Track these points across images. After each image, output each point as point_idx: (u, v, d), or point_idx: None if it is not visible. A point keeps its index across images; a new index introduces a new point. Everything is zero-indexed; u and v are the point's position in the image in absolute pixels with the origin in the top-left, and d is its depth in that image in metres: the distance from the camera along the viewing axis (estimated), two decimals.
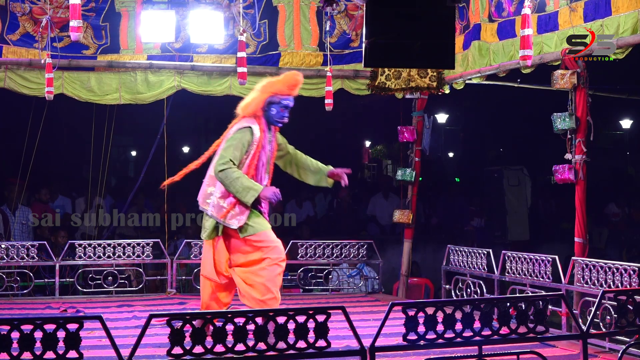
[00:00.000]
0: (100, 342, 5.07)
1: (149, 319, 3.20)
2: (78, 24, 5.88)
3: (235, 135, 5.42)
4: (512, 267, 6.58)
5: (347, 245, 8.47)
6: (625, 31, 5.70)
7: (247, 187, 5.25)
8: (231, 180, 5.26)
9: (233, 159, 5.30)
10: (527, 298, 3.79)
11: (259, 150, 5.42)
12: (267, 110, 5.48)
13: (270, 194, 5.32)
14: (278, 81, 5.53)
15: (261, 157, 5.45)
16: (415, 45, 4.94)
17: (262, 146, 5.43)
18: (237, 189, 5.25)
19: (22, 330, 3.05)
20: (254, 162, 5.41)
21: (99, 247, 7.99)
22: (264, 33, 8.16)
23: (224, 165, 5.29)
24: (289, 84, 5.50)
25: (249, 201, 5.24)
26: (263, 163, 5.48)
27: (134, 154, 20.10)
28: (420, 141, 8.67)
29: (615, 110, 16.61)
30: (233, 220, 5.34)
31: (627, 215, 13.63)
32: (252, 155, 5.39)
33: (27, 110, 8.60)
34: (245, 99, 5.62)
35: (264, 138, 5.45)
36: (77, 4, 5.86)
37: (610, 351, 5.19)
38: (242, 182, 5.25)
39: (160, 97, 8.19)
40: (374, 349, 3.38)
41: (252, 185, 5.28)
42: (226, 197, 5.36)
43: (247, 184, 5.26)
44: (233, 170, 5.28)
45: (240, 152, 5.35)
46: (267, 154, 5.54)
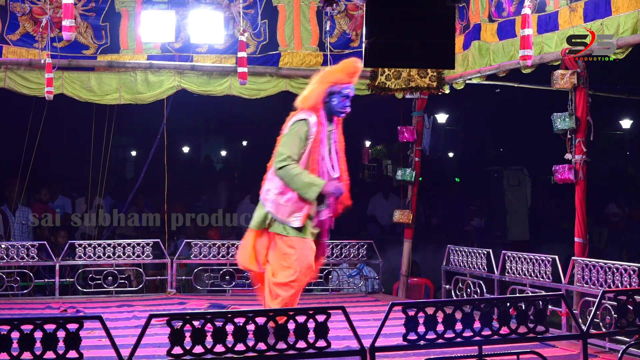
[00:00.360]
0: (100, 342, 5.07)
1: (149, 319, 3.20)
2: (70, 23, 5.89)
3: (292, 129, 5.25)
4: (512, 267, 6.58)
5: (347, 245, 8.47)
6: (625, 31, 5.71)
7: (308, 184, 5.09)
8: (291, 177, 5.12)
9: (292, 155, 5.14)
10: (527, 298, 3.79)
11: (318, 144, 5.22)
12: (328, 102, 5.29)
13: (332, 189, 5.17)
14: (337, 70, 5.35)
15: (321, 151, 5.25)
16: (415, 45, 4.94)
17: (320, 139, 5.24)
18: (298, 186, 5.11)
19: (22, 330, 3.05)
20: (314, 157, 5.22)
21: (99, 247, 7.99)
22: (264, 33, 8.16)
23: (282, 162, 5.15)
24: (349, 72, 5.31)
25: (311, 198, 5.10)
26: (323, 157, 5.27)
27: (134, 154, 20.09)
28: (420, 141, 8.67)
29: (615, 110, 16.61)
30: (291, 219, 5.19)
31: (627, 215, 13.63)
32: (311, 148, 5.21)
33: (27, 110, 8.60)
34: (303, 92, 5.43)
35: (322, 131, 5.26)
36: (70, 3, 5.86)
37: (610, 351, 5.19)
38: (302, 178, 5.10)
39: (160, 97, 8.19)
40: (374, 349, 3.38)
41: (313, 180, 5.12)
42: (284, 193, 5.21)
43: (308, 180, 5.10)
44: (292, 167, 5.13)
45: (298, 147, 5.18)
46: (329, 147, 5.32)
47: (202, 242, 8.35)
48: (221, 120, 17.83)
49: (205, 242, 8.39)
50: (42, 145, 8.63)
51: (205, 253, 8.23)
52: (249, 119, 15.33)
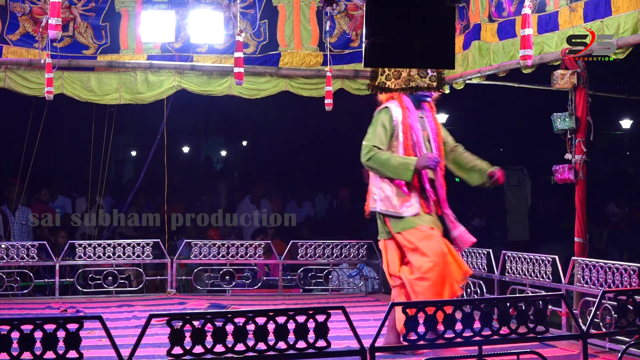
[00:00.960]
0: (100, 342, 5.07)
1: (149, 319, 3.20)
2: (57, 22, 5.89)
3: (374, 119, 5.11)
4: (512, 267, 6.58)
5: (347, 245, 8.48)
6: (625, 31, 5.71)
7: (401, 164, 4.92)
8: (381, 164, 4.96)
9: (377, 145, 4.99)
10: (527, 298, 3.79)
11: (408, 129, 5.05)
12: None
13: (426, 162, 4.94)
14: None
15: (411, 137, 5.05)
16: (415, 45, 4.93)
17: (409, 125, 5.06)
18: (391, 171, 4.93)
19: (22, 330, 3.04)
20: (407, 142, 5.03)
21: (99, 247, 7.99)
22: (264, 33, 8.16)
23: (368, 154, 4.99)
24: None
25: (408, 178, 4.91)
26: (415, 142, 5.07)
27: (134, 154, 20.08)
28: None
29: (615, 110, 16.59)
30: (402, 209, 4.98)
31: (627, 215, 13.61)
32: (400, 135, 5.03)
33: (27, 110, 8.60)
34: None
35: (409, 116, 5.10)
36: (56, 2, 5.86)
37: (610, 351, 5.19)
38: (392, 162, 4.93)
39: (160, 97, 8.20)
40: (374, 349, 3.38)
41: (404, 160, 4.94)
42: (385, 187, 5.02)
43: (399, 161, 4.94)
44: (380, 154, 4.96)
45: (383, 136, 5.02)
46: (420, 133, 5.10)
47: (202, 242, 8.36)
48: (221, 120, 17.81)
49: (205, 242, 8.40)
50: (42, 145, 8.63)
51: (205, 253, 8.23)
52: (249, 119, 15.32)
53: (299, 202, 12.31)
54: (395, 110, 5.07)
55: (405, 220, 5.00)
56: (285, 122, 15.29)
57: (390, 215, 5.03)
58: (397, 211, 4.98)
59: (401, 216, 4.99)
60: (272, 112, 13.50)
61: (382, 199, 5.05)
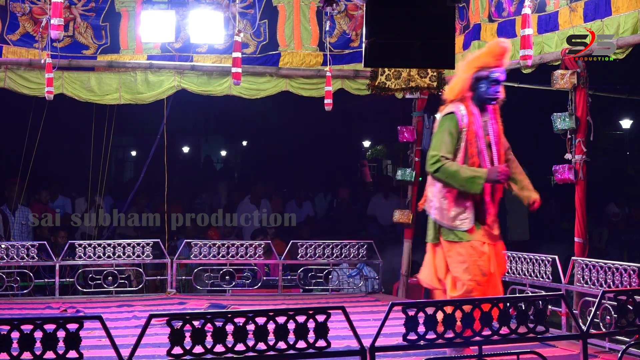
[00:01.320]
0: (100, 342, 5.07)
1: (149, 319, 3.20)
2: (59, 22, 5.89)
3: (440, 127, 4.89)
4: (512, 267, 6.58)
5: (347, 245, 8.48)
6: (625, 31, 5.71)
7: (470, 177, 4.71)
8: (449, 176, 4.75)
9: (444, 154, 4.77)
10: (527, 298, 3.78)
11: (473, 136, 4.82)
12: (477, 89, 4.86)
13: (496, 175, 4.72)
14: (482, 54, 4.94)
15: (477, 144, 4.84)
16: (415, 45, 4.93)
17: (475, 131, 4.83)
18: (460, 184, 4.72)
19: (22, 330, 3.04)
20: (471, 150, 4.82)
21: (99, 247, 7.99)
22: (264, 33, 8.16)
23: (436, 165, 4.78)
24: (496, 54, 4.86)
25: (477, 191, 4.71)
26: (481, 150, 4.84)
27: (134, 154, 20.09)
28: (420, 141, 8.67)
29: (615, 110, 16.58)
30: (457, 222, 4.80)
31: (627, 215, 13.61)
32: (466, 142, 4.81)
33: (27, 110, 8.59)
34: (450, 82, 5.07)
35: (475, 122, 4.84)
36: (58, 2, 5.86)
37: (610, 351, 5.19)
38: (461, 174, 4.72)
39: (160, 97, 8.20)
40: (374, 349, 3.38)
41: (473, 173, 4.73)
42: (445, 197, 4.84)
43: (470, 174, 4.72)
44: (449, 165, 4.75)
45: (450, 144, 4.80)
46: (486, 139, 4.86)
47: (202, 242, 8.36)
48: (221, 120, 17.83)
49: (205, 242, 8.40)
50: (42, 145, 8.63)
51: (205, 253, 8.23)
52: (249, 119, 15.33)
53: (298, 202, 12.31)
54: (462, 117, 4.82)
55: (457, 233, 4.82)
56: (285, 123, 15.30)
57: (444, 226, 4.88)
58: (450, 224, 4.82)
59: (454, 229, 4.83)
60: (272, 113, 13.51)
61: (436, 208, 4.89)
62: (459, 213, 4.80)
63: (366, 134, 18.97)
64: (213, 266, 8.27)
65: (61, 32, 5.97)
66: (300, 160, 15.78)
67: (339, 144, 17.07)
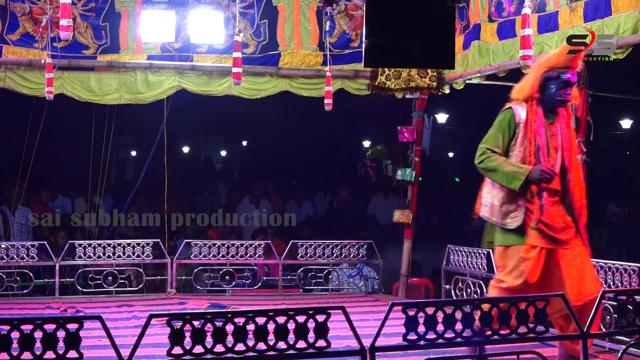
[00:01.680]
0: (100, 342, 5.07)
1: (149, 319, 3.19)
2: (68, 22, 5.88)
3: (495, 121, 4.76)
4: None
5: (347, 245, 8.48)
6: (625, 31, 5.70)
7: (511, 172, 4.56)
8: (491, 170, 4.64)
9: (490, 147, 4.66)
10: (527, 298, 3.78)
11: (533, 134, 4.63)
12: (546, 90, 4.66)
13: (538, 174, 4.50)
14: (555, 54, 4.76)
15: (536, 141, 4.62)
16: (415, 45, 4.93)
17: (535, 129, 4.62)
18: (501, 178, 4.60)
19: (22, 330, 3.04)
20: (529, 148, 4.63)
21: (99, 247, 8.00)
22: (263, 33, 8.16)
23: (481, 157, 4.69)
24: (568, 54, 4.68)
25: (516, 188, 4.54)
26: (539, 148, 4.62)
27: (134, 154, 20.10)
28: (420, 141, 8.67)
29: (615, 110, 16.59)
30: (507, 220, 4.64)
31: (627, 215, 13.61)
32: (521, 138, 4.66)
33: (27, 110, 8.60)
34: (520, 82, 4.87)
35: (536, 120, 4.65)
36: (67, 3, 5.86)
37: (610, 351, 5.19)
38: (503, 168, 4.58)
39: (160, 97, 8.20)
40: (374, 349, 3.38)
41: (514, 168, 4.57)
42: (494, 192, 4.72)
43: (510, 169, 4.57)
44: (492, 159, 4.64)
45: (500, 138, 4.68)
46: (547, 140, 4.65)
47: (202, 242, 8.37)
48: (221, 120, 17.83)
49: (205, 242, 8.41)
50: (42, 145, 8.63)
51: (205, 253, 8.24)
52: (249, 119, 15.33)
53: (298, 202, 12.31)
54: (520, 112, 4.68)
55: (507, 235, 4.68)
56: (285, 122, 15.30)
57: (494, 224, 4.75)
58: (499, 222, 4.68)
59: (504, 228, 4.68)
60: (272, 112, 13.51)
61: (487, 205, 4.77)
62: (510, 210, 4.64)
63: (366, 134, 18.98)
64: (213, 266, 8.28)
65: (70, 33, 5.97)
66: (300, 160, 15.79)
67: (339, 144, 17.08)
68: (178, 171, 13.67)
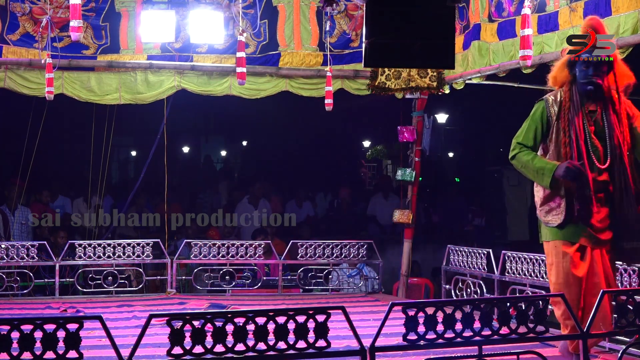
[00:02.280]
0: (100, 342, 5.06)
1: (149, 319, 3.19)
2: (78, 24, 5.89)
3: (530, 115, 4.65)
4: (512, 267, 6.58)
5: (347, 245, 8.48)
6: (625, 31, 5.70)
7: (539, 169, 4.43)
8: (522, 165, 4.53)
9: (523, 142, 4.54)
10: (527, 298, 3.78)
11: (566, 124, 4.44)
12: (575, 75, 4.50)
13: (561, 171, 4.34)
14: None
15: (569, 132, 4.44)
16: (415, 45, 4.93)
17: (569, 119, 4.44)
18: (531, 174, 4.49)
19: (22, 330, 3.04)
20: (565, 139, 4.44)
21: (99, 247, 8.00)
22: (264, 33, 8.16)
23: (512, 152, 4.57)
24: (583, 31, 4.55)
25: (546, 185, 4.42)
26: (574, 140, 4.43)
27: (134, 154, 20.11)
28: (420, 141, 8.67)
29: None
30: (549, 218, 4.52)
31: None
32: (555, 132, 4.50)
33: (27, 110, 8.60)
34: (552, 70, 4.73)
35: (570, 109, 4.45)
36: (77, 4, 5.87)
37: (610, 351, 5.19)
38: (532, 164, 4.46)
39: (160, 97, 8.20)
40: (374, 349, 3.38)
41: (543, 164, 4.43)
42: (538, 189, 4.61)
43: (538, 165, 4.43)
44: (523, 154, 4.51)
45: (532, 133, 4.54)
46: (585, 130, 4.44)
47: (202, 242, 8.37)
48: (221, 120, 17.86)
49: (205, 242, 8.41)
50: (42, 145, 8.63)
51: (205, 253, 8.24)
52: (249, 119, 15.34)
53: (298, 202, 12.31)
54: (553, 103, 4.50)
55: (548, 231, 4.58)
56: (285, 122, 15.31)
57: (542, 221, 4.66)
58: (542, 219, 4.60)
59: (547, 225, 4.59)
60: (272, 112, 13.53)
61: (536, 202, 4.67)
62: (552, 208, 4.52)
63: (366, 134, 18.98)
64: (213, 266, 8.28)
65: (81, 34, 5.98)
66: (300, 160, 15.80)
67: (339, 144, 17.09)
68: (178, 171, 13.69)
